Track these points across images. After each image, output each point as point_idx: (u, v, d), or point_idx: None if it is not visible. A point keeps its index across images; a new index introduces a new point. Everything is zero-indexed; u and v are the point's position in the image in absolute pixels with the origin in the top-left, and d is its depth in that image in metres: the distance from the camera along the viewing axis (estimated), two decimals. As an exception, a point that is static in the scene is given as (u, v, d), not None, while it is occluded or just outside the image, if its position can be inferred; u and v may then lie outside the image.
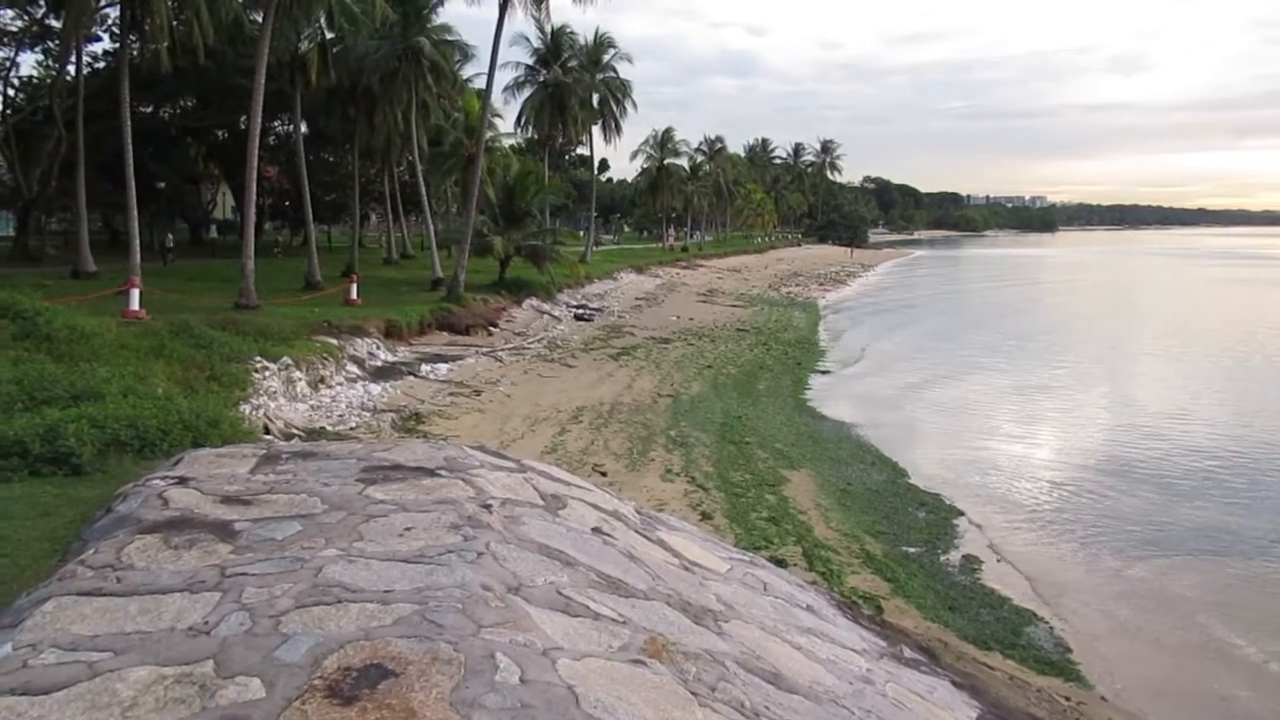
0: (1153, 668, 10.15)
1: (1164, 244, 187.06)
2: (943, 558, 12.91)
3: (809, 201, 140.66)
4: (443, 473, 5.45)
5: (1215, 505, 15.93)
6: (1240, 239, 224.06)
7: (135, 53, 31.48)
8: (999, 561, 12.81)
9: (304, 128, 42.12)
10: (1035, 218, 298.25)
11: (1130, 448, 19.91)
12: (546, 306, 39.32)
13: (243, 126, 37.24)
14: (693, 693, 3.33)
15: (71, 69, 33.93)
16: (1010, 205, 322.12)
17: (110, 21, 35.65)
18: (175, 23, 27.58)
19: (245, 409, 15.85)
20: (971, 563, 12.71)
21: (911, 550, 13.06)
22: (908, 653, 6.41)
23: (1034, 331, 43.21)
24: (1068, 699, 8.63)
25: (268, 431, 15.34)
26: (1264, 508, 15.83)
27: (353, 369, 22.37)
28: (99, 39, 39.49)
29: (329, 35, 36.01)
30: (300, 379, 19.63)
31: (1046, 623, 10.80)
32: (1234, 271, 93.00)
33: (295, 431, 16.23)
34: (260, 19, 29.20)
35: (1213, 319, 50.37)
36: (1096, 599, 11.95)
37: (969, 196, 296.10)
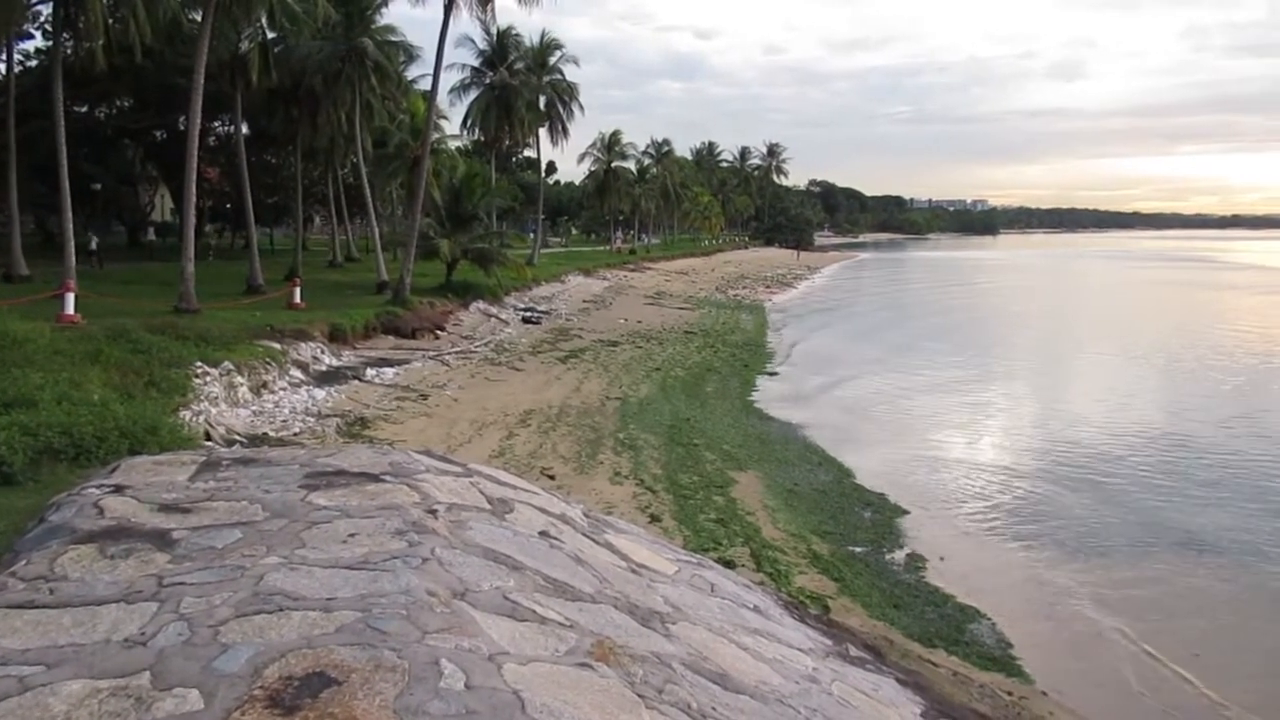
0: (1091, 662, 10.37)
1: (1101, 246, 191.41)
2: (888, 556, 13.07)
3: (756, 204, 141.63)
4: (387, 478, 5.39)
5: (1152, 502, 16.34)
6: (1173, 241, 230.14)
7: (69, 51, 30.74)
8: (942, 560, 13.00)
9: (245, 128, 41.39)
10: (977, 221, 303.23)
11: (1068, 446, 20.33)
12: (494, 309, 39.10)
13: (182, 127, 36.45)
14: (639, 695, 3.34)
15: (2, 67, 33.01)
16: (952, 209, 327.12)
17: (43, 19, 34.77)
18: (111, 20, 26.93)
19: (185, 415, 15.54)
20: (916, 561, 12.89)
21: (857, 550, 13.20)
22: (853, 651, 6.48)
23: (978, 333, 43.98)
24: (1010, 694, 8.78)
25: (209, 438, 15.06)
26: (1197, 504, 16.26)
27: (296, 374, 22.05)
28: (31, 36, 38.57)
29: (270, 35, 35.47)
30: (242, 384, 19.31)
31: (989, 619, 10.98)
32: (1167, 273, 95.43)
33: (237, 438, 15.95)
34: (199, 18, 28.67)
35: (1146, 320, 51.68)
36: (1038, 595, 12.19)
37: (912, 200, 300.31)
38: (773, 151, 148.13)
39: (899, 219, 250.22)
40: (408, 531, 4.36)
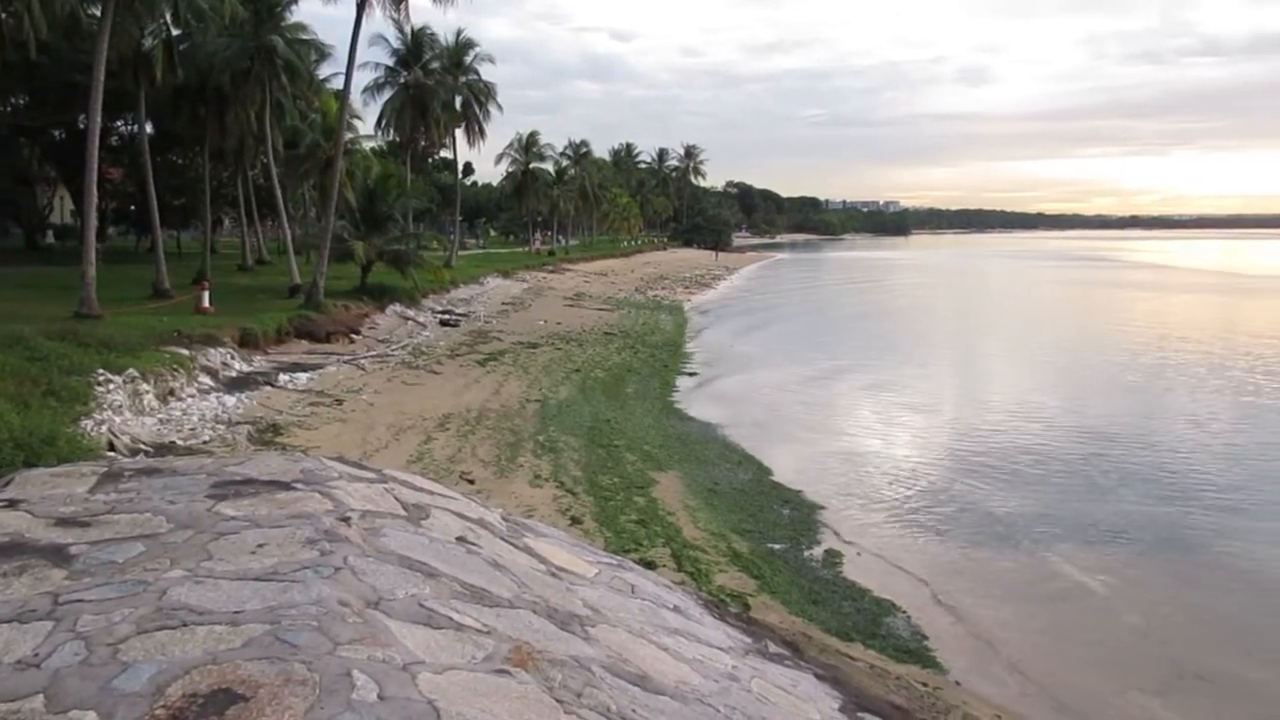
0: (1005, 652, 10.66)
1: (1008, 246, 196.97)
2: (806, 553, 13.26)
3: (674, 206, 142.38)
4: (299, 486, 5.26)
5: (1058, 492, 16.88)
6: (1076, 241, 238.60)
7: (-42, 46, 29.36)
8: (859, 554, 13.24)
9: (149, 128, 40.17)
10: (890, 222, 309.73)
11: (978, 440, 20.89)
12: (411, 312, 38.58)
13: (82, 126, 35.17)
14: (558, 700, 3.31)
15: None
16: (866, 210, 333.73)
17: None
18: (4, 15, 25.87)
19: (87, 425, 15.00)
20: (833, 557, 13.09)
21: (777, 547, 13.36)
22: (772, 648, 6.54)
23: (891, 331, 44.91)
24: (925, 685, 8.97)
25: (112, 448, 14.55)
26: (1100, 494, 16.86)
27: (206, 380, 21.44)
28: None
29: (175, 31, 34.43)
30: (148, 392, 18.70)
31: (904, 612, 11.22)
32: (1071, 273, 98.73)
33: (143, 447, 15.44)
34: (99, 12, 27.69)
35: (1052, 318, 53.41)
36: (951, 586, 12.48)
37: (827, 201, 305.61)
38: (690, 153, 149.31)
39: (815, 220, 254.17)
40: (319, 540, 4.26)
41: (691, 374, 29.74)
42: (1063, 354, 36.40)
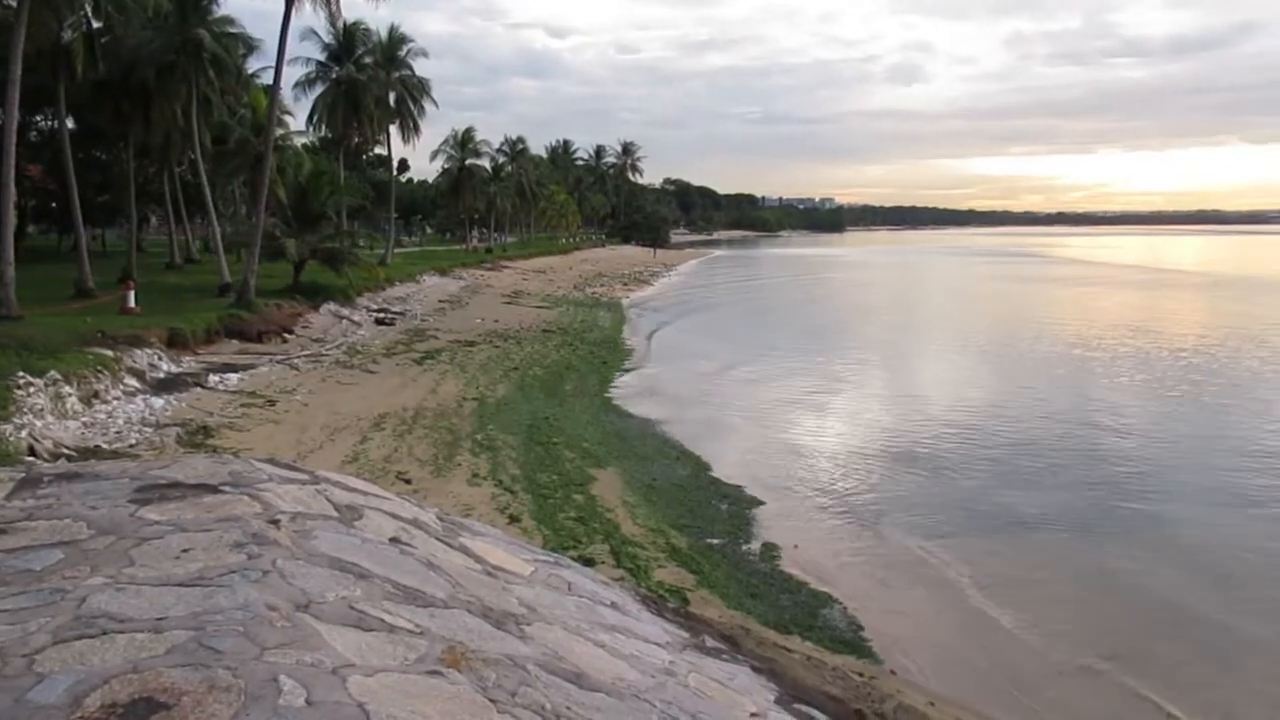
0: (937, 640, 10.86)
1: (941, 243, 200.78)
2: (744, 547, 13.36)
3: (612, 203, 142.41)
4: (227, 489, 5.15)
5: (990, 483, 17.25)
6: (1005, 238, 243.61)
7: None
8: (796, 547, 13.37)
9: (70, 123, 39.00)
10: (825, 218, 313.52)
11: (913, 433, 21.23)
12: (346, 311, 38.01)
13: (-2, 121, 34.08)
14: (491, 699, 3.29)
15: None
16: (802, 206, 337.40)
17: None
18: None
19: (6, 429, 14.55)
20: (771, 550, 13.21)
21: (715, 542, 13.45)
22: (710, 642, 6.58)
23: (827, 327, 45.45)
24: (860, 675, 9.10)
25: (33, 453, 14.14)
26: (1032, 484, 17.25)
27: (132, 382, 20.90)
28: None
29: (96, 24, 33.48)
30: (71, 394, 18.17)
31: (841, 603, 11.36)
32: (1001, 268, 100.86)
33: (66, 452, 15.01)
34: (14, 3, 26.79)
35: (984, 313, 54.52)
36: (887, 577, 12.68)
37: (763, 198, 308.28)
38: (628, 150, 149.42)
39: (752, 217, 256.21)
40: (247, 544, 4.18)
41: (630, 370, 29.79)
42: (994, 348, 37.19)
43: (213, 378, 23.09)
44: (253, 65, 44.93)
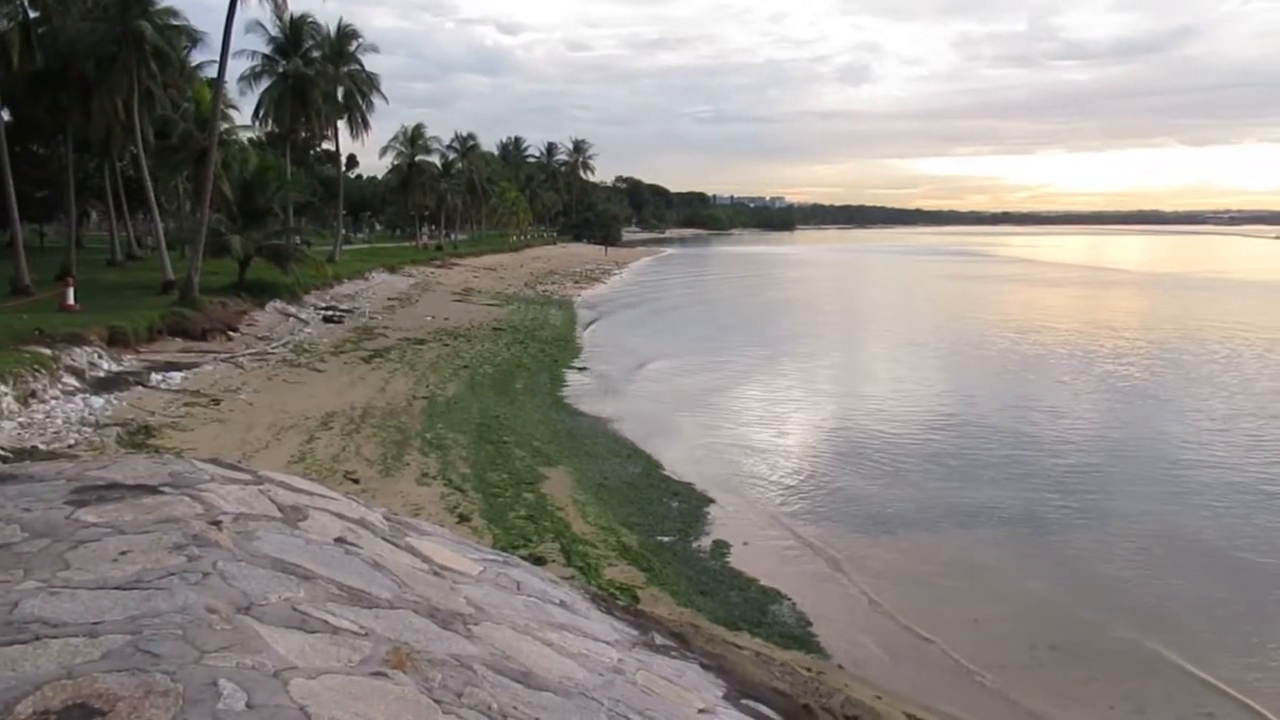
0: (883, 635, 11.00)
1: (889, 242, 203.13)
2: (695, 544, 13.42)
3: (563, 200, 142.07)
4: (167, 490, 5.05)
5: (935, 480, 17.50)
6: (952, 237, 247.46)
7: None
8: (746, 544, 13.46)
9: (6, 115, 38.00)
10: (775, 217, 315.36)
11: (861, 430, 21.48)
12: (292, 309, 37.49)
13: (-71, 112, 33.13)
14: (436, 700, 3.27)
15: None
16: (753, 205, 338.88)
17: None
18: None
19: (-62, 430, 14.13)
20: (721, 547, 13.28)
21: (666, 539, 13.49)
22: (659, 639, 6.59)
23: (778, 325, 45.72)
24: (809, 670, 9.17)
25: (-34, 454, 13.75)
26: (975, 481, 17.53)
27: (71, 381, 20.43)
28: None
29: (33, 14, 32.65)
30: (6, 394, 17.72)
31: (789, 600, 11.46)
32: (948, 267, 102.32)
33: (1, 453, 14.63)
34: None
35: (931, 312, 55.29)
36: (834, 573, 12.81)
37: (715, 196, 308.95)
38: (579, 148, 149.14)
39: (703, 215, 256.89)
40: (187, 545, 4.10)
41: (581, 369, 29.75)
42: (938, 346, 37.72)
43: (155, 376, 22.65)
44: (197, 58, 44.17)
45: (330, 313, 39.13)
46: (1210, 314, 49.65)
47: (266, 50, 53.28)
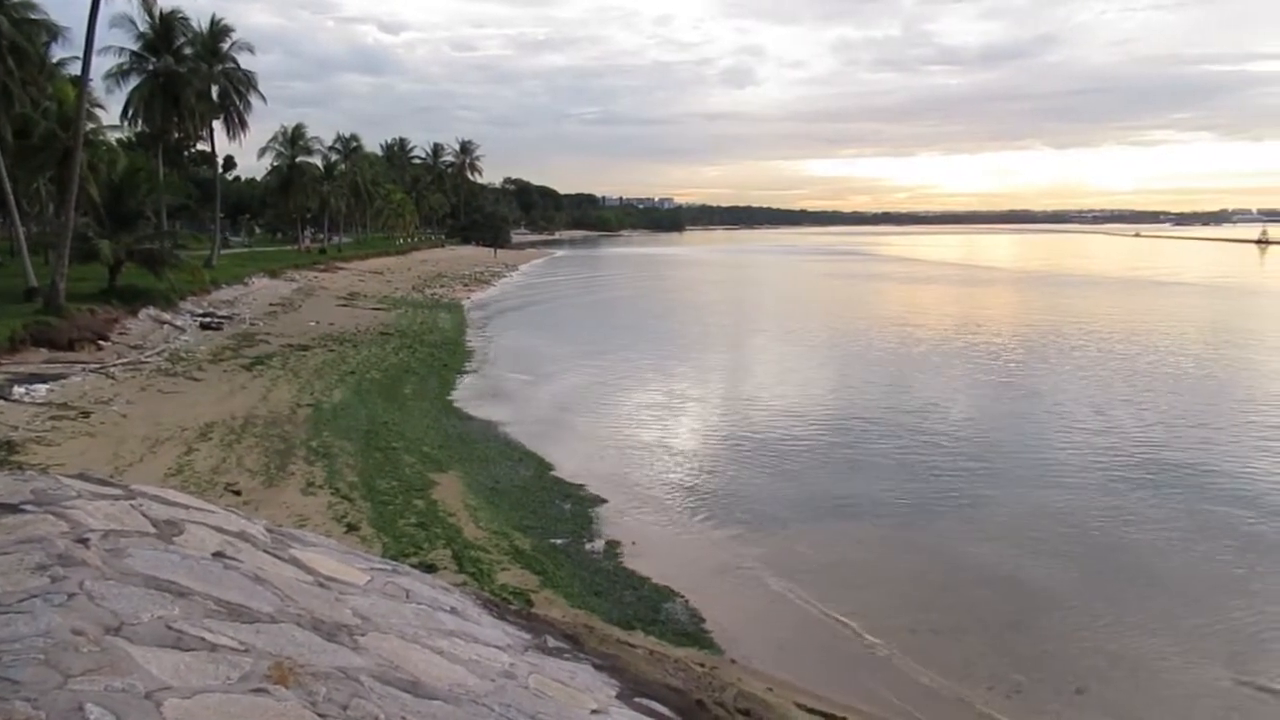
0: (773, 627, 11.22)
1: (776, 242, 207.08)
2: (588, 546, 13.44)
3: (451, 202, 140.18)
4: (29, 508, 4.81)
5: (822, 476, 17.93)
6: (836, 237, 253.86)
7: None
8: (636, 544, 13.56)
9: None
10: (665, 218, 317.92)
11: (749, 429, 21.84)
12: (167, 316, 36.02)
13: None
14: (321, 714, 3.20)
15: None
16: (642, 206, 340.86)
17: None
18: None
19: None
20: (614, 548, 13.34)
21: (559, 542, 13.48)
22: (552, 642, 6.58)
23: (666, 325, 46.12)
24: (702, 665, 9.30)
25: None
26: (860, 475, 18.02)
27: (-77, 395, 19.22)
28: None
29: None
30: None
31: (682, 597, 11.59)
32: (832, 266, 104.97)
33: None
34: None
35: (816, 311, 56.56)
36: (725, 569, 13.00)
37: (604, 198, 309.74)
38: (466, 149, 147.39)
39: (593, 216, 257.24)
40: (51, 566, 3.92)
41: (471, 372, 29.46)
42: (823, 344, 38.64)
43: (17, 389, 21.48)
44: (58, 54, 42.06)
45: (208, 319, 37.76)
46: (1078, 309, 52.18)
47: (135, 47, 51.02)
